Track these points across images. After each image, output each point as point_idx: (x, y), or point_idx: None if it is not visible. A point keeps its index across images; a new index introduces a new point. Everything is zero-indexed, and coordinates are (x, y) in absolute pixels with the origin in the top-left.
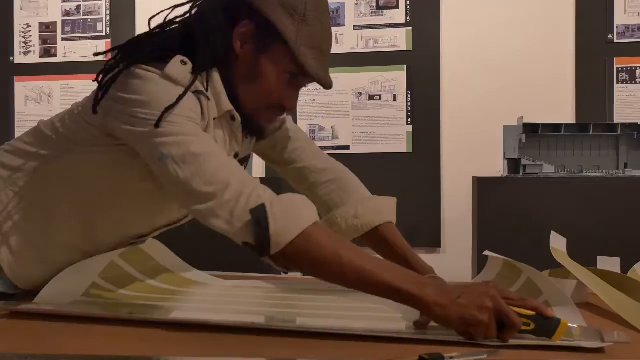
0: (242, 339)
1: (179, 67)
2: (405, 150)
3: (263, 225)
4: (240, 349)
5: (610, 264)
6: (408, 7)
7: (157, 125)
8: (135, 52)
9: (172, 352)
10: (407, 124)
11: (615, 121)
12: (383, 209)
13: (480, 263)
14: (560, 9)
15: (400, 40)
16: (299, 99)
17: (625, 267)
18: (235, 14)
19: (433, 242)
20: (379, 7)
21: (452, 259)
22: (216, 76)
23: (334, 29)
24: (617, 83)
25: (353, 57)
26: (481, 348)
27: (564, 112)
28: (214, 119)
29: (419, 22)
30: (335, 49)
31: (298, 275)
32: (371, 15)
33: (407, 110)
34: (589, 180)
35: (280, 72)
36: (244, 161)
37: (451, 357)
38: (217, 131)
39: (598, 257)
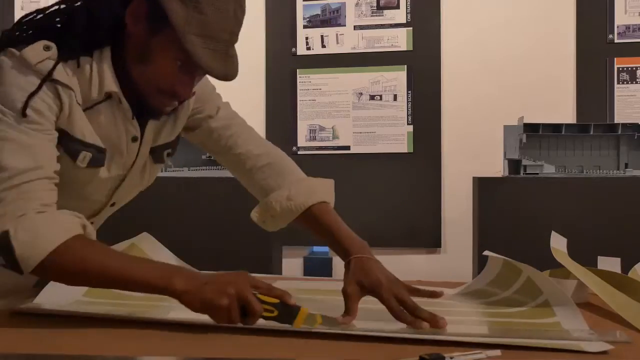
0: (242, 339)
1: (39, 52)
2: (405, 150)
3: (8, 251)
4: (241, 349)
5: (610, 264)
6: (408, 7)
7: None
8: (9, 36)
9: (172, 352)
10: (408, 124)
11: (615, 121)
12: (317, 190)
13: (480, 263)
14: (561, 9)
15: (400, 40)
16: (301, 99)
17: (626, 267)
18: None
19: (433, 242)
20: (380, 7)
21: (453, 259)
22: (106, 55)
23: (334, 29)
24: (618, 83)
25: (353, 57)
26: (481, 348)
27: (565, 112)
28: (99, 102)
29: (419, 22)
30: (335, 49)
31: (298, 275)
32: (372, 15)
33: (408, 110)
34: (589, 181)
35: (170, 57)
36: (166, 148)
37: (451, 357)
38: (100, 117)
39: (598, 257)
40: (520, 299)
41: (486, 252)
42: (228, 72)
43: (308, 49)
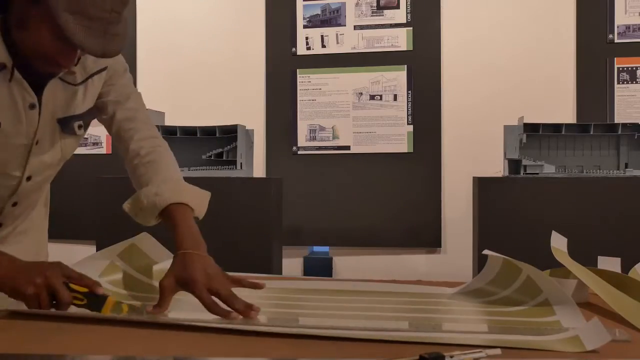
0: (242, 339)
1: None
2: (405, 150)
3: None
4: (240, 349)
5: (610, 264)
6: (409, 7)
7: None
8: None
9: (172, 352)
10: (408, 124)
11: (615, 121)
12: (183, 192)
13: (480, 263)
14: (561, 9)
15: (400, 40)
16: (301, 99)
17: (626, 267)
18: None
19: (433, 242)
20: (380, 7)
21: (453, 259)
22: None
23: (334, 29)
24: (618, 83)
25: (354, 57)
26: (481, 348)
27: (565, 112)
28: None
29: (419, 22)
30: (335, 49)
31: (298, 275)
32: (372, 15)
33: (408, 110)
34: (589, 180)
35: (47, 28)
36: (76, 119)
37: (451, 357)
38: None
39: (598, 257)
40: (520, 298)
41: (486, 251)
42: (105, 49)
43: (308, 49)
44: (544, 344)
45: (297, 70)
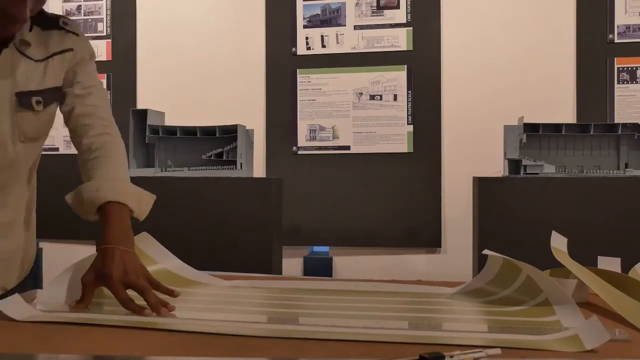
0: (242, 339)
1: None
2: (405, 150)
3: None
4: (240, 349)
5: (610, 264)
6: (409, 7)
7: None
8: None
9: (172, 352)
10: (408, 124)
11: (616, 121)
12: (122, 192)
13: (480, 263)
14: (561, 9)
15: (400, 40)
16: (301, 99)
17: (626, 267)
18: None
19: (433, 242)
20: (380, 7)
21: (453, 259)
22: None
23: (334, 29)
24: (618, 83)
25: (354, 57)
26: (481, 348)
27: (565, 112)
28: None
29: (419, 22)
30: (335, 49)
31: (298, 275)
32: (372, 15)
33: (408, 110)
34: (589, 180)
35: None
36: (35, 95)
37: (451, 356)
38: None
39: (598, 257)
40: (520, 297)
41: (486, 251)
42: None
43: (308, 49)
44: (543, 344)
45: (297, 70)
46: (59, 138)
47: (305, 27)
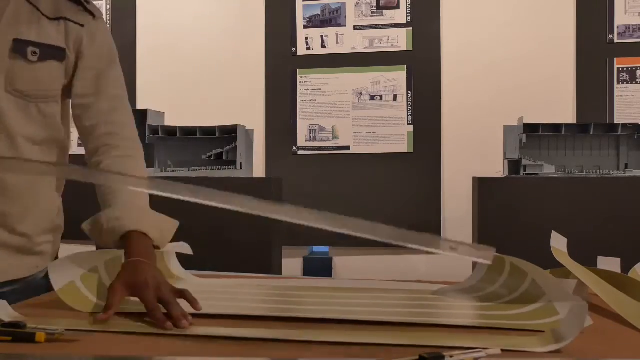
0: (242, 339)
1: None
2: (405, 151)
3: None
4: (241, 349)
5: (610, 264)
6: (409, 7)
7: None
8: None
9: (172, 352)
10: (408, 124)
11: (615, 121)
12: (144, 220)
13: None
14: (561, 9)
15: (400, 40)
16: (301, 99)
17: (626, 267)
18: None
19: None
20: (380, 7)
21: (453, 259)
22: None
23: (334, 29)
24: (618, 83)
25: (353, 57)
26: (481, 347)
27: (565, 112)
28: None
29: (419, 22)
30: (335, 49)
31: (298, 275)
32: (372, 16)
33: (408, 111)
34: (589, 181)
35: None
36: (32, 45)
37: (451, 356)
38: None
39: (598, 257)
40: (509, 288)
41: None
42: None
43: (308, 49)
44: (521, 317)
45: (297, 70)
46: None
47: (305, 27)
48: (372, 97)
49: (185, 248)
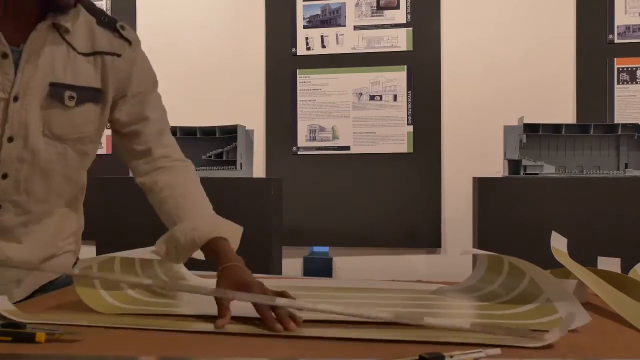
0: (242, 339)
1: None
2: (405, 151)
3: None
4: (241, 349)
5: (610, 264)
6: (409, 8)
7: None
8: None
9: (172, 352)
10: (408, 124)
11: (615, 121)
12: (221, 226)
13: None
14: (561, 9)
15: (400, 40)
16: (301, 99)
17: (626, 267)
18: None
19: (433, 242)
20: (380, 8)
21: (453, 259)
22: None
23: (334, 29)
24: (618, 83)
25: (353, 58)
26: (481, 347)
27: (565, 112)
28: None
29: (419, 23)
30: (335, 49)
31: (298, 275)
32: (372, 16)
33: (408, 111)
34: (589, 181)
35: None
36: (68, 89)
37: (451, 356)
38: None
39: (598, 257)
40: (507, 288)
41: (465, 251)
42: None
43: (308, 49)
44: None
45: (297, 70)
46: None
47: (305, 27)
48: (372, 97)
49: (197, 253)
